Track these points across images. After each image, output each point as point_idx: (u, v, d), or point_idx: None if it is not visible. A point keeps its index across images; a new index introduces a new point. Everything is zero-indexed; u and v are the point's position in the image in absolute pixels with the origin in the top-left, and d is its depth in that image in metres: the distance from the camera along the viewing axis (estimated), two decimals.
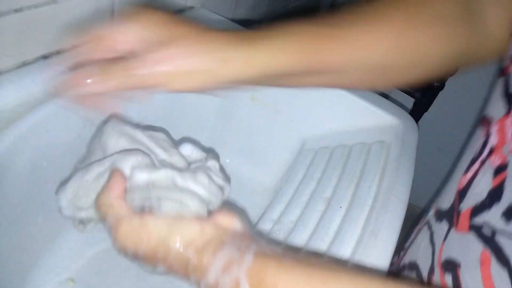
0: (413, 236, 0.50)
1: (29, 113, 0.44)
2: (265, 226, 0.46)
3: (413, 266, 0.46)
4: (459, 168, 0.42)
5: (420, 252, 0.45)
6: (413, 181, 0.52)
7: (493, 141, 0.36)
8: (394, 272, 0.51)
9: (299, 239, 0.45)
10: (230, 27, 0.68)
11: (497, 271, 0.32)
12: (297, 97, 0.66)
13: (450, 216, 0.40)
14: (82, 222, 0.40)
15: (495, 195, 0.33)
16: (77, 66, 0.35)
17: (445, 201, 0.43)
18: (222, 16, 0.71)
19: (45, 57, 0.50)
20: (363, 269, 0.31)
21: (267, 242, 0.31)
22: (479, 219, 0.34)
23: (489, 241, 0.33)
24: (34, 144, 0.45)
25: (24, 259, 0.49)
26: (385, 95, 1.35)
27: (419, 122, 1.08)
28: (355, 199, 0.49)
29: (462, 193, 0.39)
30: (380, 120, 0.62)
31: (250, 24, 0.94)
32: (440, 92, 1.02)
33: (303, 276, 0.28)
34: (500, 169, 0.34)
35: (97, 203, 0.34)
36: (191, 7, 0.71)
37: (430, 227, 0.45)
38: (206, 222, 0.31)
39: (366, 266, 0.40)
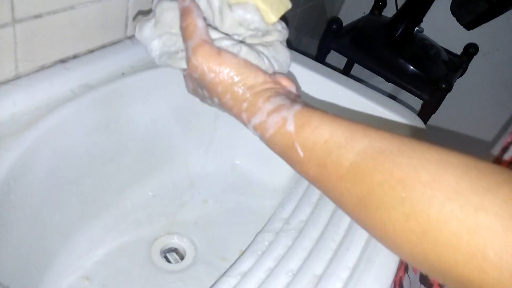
0: None
1: (47, 115, 0.46)
2: (276, 225, 0.47)
3: None
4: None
5: None
6: None
7: None
8: None
9: (309, 238, 0.46)
10: None
11: None
12: (306, 97, 0.67)
13: None
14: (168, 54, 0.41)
15: None
16: None
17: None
18: None
19: (62, 61, 0.51)
20: None
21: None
22: None
23: None
24: (52, 145, 0.47)
25: (41, 258, 0.51)
26: (393, 97, 1.35)
27: (428, 123, 1.09)
28: None
29: (505, 148, 0.40)
30: (388, 121, 0.63)
31: None
32: (448, 94, 1.02)
33: (344, 123, 0.31)
34: None
35: (185, 24, 0.36)
36: None
37: None
38: (270, 76, 0.36)
39: None
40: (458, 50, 1.19)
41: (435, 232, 0.24)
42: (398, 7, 1.10)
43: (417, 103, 1.06)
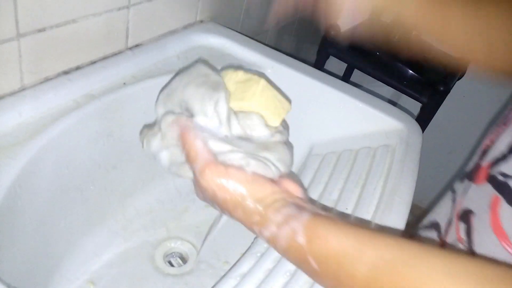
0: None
1: (52, 125, 0.48)
2: None
3: (433, 225, 0.49)
4: (485, 139, 0.45)
5: (441, 212, 0.48)
6: (424, 184, 0.54)
7: None
8: (412, 233, 0.55)
9: None
10: (239, 39, 0.71)
11: (506, 211, 0.36)
12: (305, 103, 0.68)
13: (471, 173, 0.43)
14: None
15: None
16: None
17: (470, 165, 0.45)
18: (230, 29, 0.74)
19: (66, 72, 0.53)
20: None
21: (321, 207, 0.35)
22: (496, 170, 0.37)
23: (502, 186, 0.36)
24: (57, 154, 0.48)
25: (48, 262, 0.53)
26: (394, 102, 1.36)
27: (429, 126, 1.09)
28: (361, 200, 0.51)
29: (484, 152, 0.42)
30: (385, 125, 0.64)
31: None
32: (447, 96, 1.03)
33: (351, 233, 0.32)
34: None
35: (186, 148, 0.38)
36: (201, 21, 0.74)
37: (453, 190, 0.48)
38: (277, 186, 0.37)
39: None
40: None
41: None
42: None
43: (416, 106, 1.07)
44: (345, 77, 1.30)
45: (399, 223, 0.47)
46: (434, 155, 1.57)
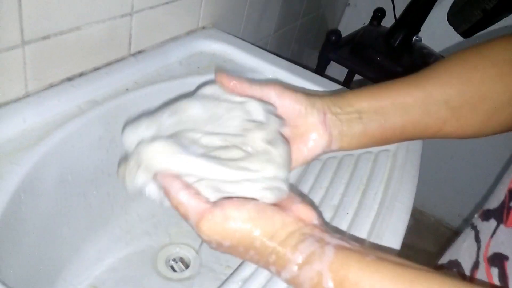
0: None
1: (56, 131, 0.48)
2: None
3: (454, 264, 0.47)
4: (509, 171, 0.44)
5: (462, 251, 0.46)
6: (428, 190, 0.54)
7: None
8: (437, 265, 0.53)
9: None
10: (241, 45, 0.72)
11: None
12: None
13: (499, 213, 0.41)
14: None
15: None
16: None
17: (494, 202, 0.44)
18: (232, 35, 0.75)
19: (69, 79, 0.54)
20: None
21: (341, 235, 0.32)
22: None
23: None
24: (61, 159, 0.49)
25: (51, 267, 0.53)
26: None
27: None
28: (362, 205, 0.52)
29: None
30: None
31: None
32: None
33: (386, 276, 0.28)
34: None
35: (173, 205, 0.34)
36: (203, 28, 0.75)
37: (474, 227, 0.46)
38: (287, 215, 0.33)
39: None
40: None
41: None
42: (397, 17, 1.12)
43: None
44: (346, 83, 1.30)
45: (400, 227, 0.47)
46: (435, 160, 1.57)
